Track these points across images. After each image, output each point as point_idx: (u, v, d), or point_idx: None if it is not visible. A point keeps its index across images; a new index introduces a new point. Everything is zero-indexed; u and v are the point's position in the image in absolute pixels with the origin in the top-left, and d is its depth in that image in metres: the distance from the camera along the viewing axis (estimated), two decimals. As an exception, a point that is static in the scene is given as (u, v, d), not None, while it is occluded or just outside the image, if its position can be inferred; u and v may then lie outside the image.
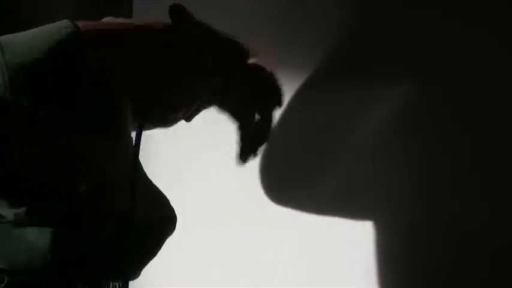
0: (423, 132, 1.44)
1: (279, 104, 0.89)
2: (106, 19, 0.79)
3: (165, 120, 0.85)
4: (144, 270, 0.82)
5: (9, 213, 0.69)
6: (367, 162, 1.44)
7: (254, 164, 1.42)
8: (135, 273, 0.81)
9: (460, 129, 1.44)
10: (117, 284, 0.80)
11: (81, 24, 0.73)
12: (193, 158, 0.85)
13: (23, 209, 0.69)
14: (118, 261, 0.77)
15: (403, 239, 1.45)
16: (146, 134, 0.85)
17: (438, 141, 1.45)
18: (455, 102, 1.43)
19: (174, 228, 0.83)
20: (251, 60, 0.93)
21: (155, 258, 0.81)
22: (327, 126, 1.43)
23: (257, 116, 0.86)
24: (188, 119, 0.87)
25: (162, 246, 0.82)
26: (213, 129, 1.20)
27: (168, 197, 0.84)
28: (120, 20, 0.79)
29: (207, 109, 0.88)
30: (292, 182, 1.43)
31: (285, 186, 1.42)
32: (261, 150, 0.85)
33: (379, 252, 1.44)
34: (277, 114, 1.42)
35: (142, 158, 0.81)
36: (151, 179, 0.82)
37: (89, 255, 0.75)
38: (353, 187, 1.44)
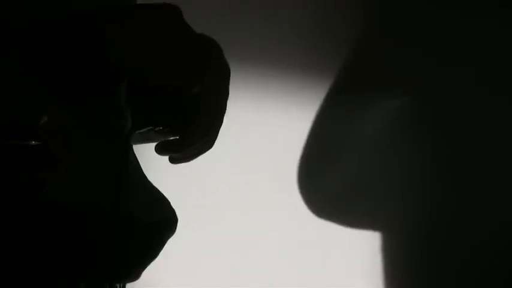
0: (428, 135, 1.44)
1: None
2: None
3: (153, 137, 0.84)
4: (145, 271, 0.82)
5: None
6: (372, 164, 1.44)
7: (256, 165, 1.42)
8: (136, 274, 0.81)
9: (462, 132, 1.44)
10: (118, 285, 0.80)
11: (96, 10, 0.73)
12: (193, 160, 0.85)
13: None
14: (119, 262, 0.77)
15: (405, 240, 1.44)
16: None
17: (441, 143, 1.45)
18: (456, 107, 1.43)
19: (175, 230, 0.83)
20: None
21: (156, 259, 0.81)
22: (333, 129, 1.43)
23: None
24: (160, 150, 0.86)
25: (163, 247, 0.83)
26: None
27: (168, 198, 0.84)
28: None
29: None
30: (297, 182, 1.43)
31: (290, 187, 1.42)
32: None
33: (382, 252, 1.44)
34: (286, 119, 1.42)
35: (142, 160, 0.81)
36: (152, 181, 0.83)
37: (91, 256, 0.75)
38: (357, 189, 1.44)
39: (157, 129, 0.81)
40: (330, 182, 1.44)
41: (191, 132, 0.80)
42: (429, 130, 1.42)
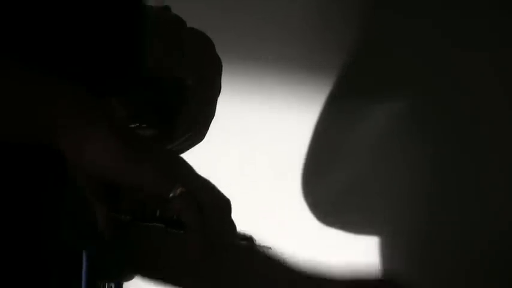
0: (430, 136, 1.43)
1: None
2: None
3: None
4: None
5: None
6: (373, 166, 1.44)
7: (256, 165, 1.42)
8: (131, 273, 0.81)
9: (462, 133, 1.44)
10: (112, 285, 0.80)
11: None
12: (190, 158, 0.85)
13: None
14: (114, 262, 0.78)
15: (406, 240, 1.44)
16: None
17: (443, 144, 1.45)
18: (457, 108, 1.43)
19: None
20: None
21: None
22: (334, 130, 1.43)
23: None
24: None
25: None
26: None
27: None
28: None
29: None
30: (299, 183, 1.43)
31: (290, 187, 1.42)
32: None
33: (382, 253, 1.44)
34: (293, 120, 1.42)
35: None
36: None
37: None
38: (358, 189, 1.44)
39: (134, 125, 0.80)
40: (331, 183, 1.44)
41: (178, 125, 0.80)
42: (431, 131, 1.42)
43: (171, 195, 0.60)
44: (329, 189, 1.44)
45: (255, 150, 1.42)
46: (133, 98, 0.78)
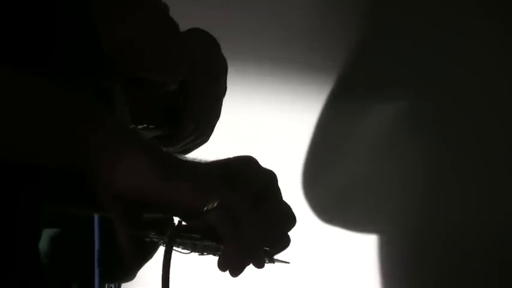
0: (429, 136, 1.43)
1: None
2: None
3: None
4: (139, 271, 0.82)
5: None
6: (373, 166, 1.43)
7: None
8: (130, 274, 0.82)
9: (462, 134, 1.43)
10: (112, 285, 0.80)
11: None
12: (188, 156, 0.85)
13: None
14: (113, 263, 0.78)
15: (405, 240, 1.44)
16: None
17: (441, 145, 1.45)
18: (456, 109, 1.43)
19: (170, 230, 0.83)
20: None
21: (150, 260, 0.82)
22: (334, 131, 1.43)
23: None
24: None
25: (158, 248, 0.83)
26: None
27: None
28: None
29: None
30: (300, 183, 1.42)
31: (290, 187, 1.42)
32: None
33: (381, 253, 1.44)
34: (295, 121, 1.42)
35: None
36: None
37: (85, 256, 0.76)
38: (358, 190, 1.43)
39: (140, 127, 0.80)
40: (331, 183, 1.45)
41: (184, 125, 0.80)
42: (430, 131, 1.42)
43: (205, 208, 0.59)
44: (330, 188, 1.44)
45: (256, 150, 1.42)
46: (135, 98, 0.78)
